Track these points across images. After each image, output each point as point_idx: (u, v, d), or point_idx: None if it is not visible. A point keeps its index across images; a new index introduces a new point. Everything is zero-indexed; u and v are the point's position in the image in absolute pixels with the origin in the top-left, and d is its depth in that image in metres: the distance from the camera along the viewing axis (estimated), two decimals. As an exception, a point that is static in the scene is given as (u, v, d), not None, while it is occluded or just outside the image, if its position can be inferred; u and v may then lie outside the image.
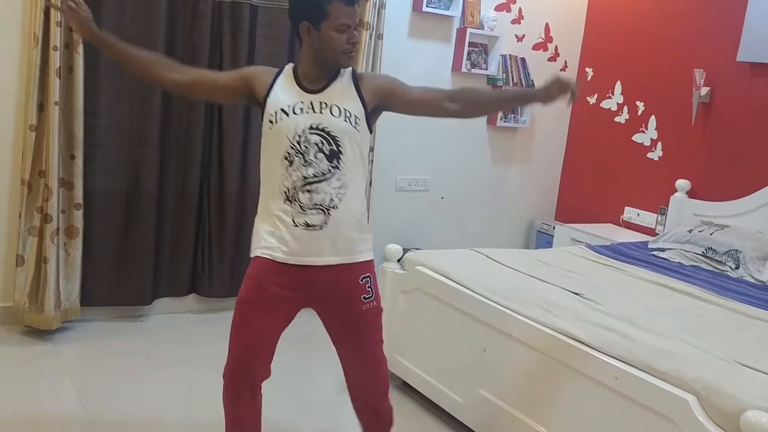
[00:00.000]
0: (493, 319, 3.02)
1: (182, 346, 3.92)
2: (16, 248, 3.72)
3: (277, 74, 2.43)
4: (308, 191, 2.33)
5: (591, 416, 2.61)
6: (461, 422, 3.18)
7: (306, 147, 2.32)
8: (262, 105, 2.39)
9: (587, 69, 5.50)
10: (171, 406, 3.25)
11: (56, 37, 3.57)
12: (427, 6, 4.72)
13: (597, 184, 5.43)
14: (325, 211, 2.35)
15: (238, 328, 2.42)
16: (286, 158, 2.33)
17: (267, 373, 2.49)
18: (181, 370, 3.62)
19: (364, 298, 2.45)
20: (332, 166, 2.34)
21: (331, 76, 2.41)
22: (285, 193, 2.34)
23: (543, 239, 5.46)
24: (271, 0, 4.23)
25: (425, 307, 3.41)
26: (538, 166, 5.63)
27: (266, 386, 2.51)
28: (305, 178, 2.32)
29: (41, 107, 3.65)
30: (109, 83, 3.91)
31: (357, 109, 2.40)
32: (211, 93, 2.58)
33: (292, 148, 2.32)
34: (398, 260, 3.64)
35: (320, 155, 2.33)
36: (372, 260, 2.50)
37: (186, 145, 4.19)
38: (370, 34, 4.41)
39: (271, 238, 2.37)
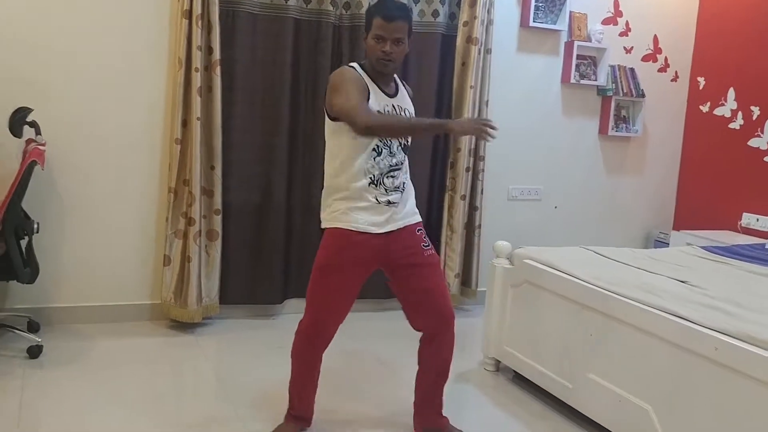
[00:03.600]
0: (598, 304, 3.15)
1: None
2: (164, 249, 4.18)
3: (360, 75, 2.78)
4: (392, 176, 2.80)
5: (693, 389, 2.68)
6: (571, 407, 3.30)
7: (391, 141, 2.78)
8: None
9: (699, 78, 5.52)
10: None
11: (197, 60, 4.03)
12: (534, 21, 4.94)
13: (714, 191, 5.40)
14: (401, 191, 2.85)
15: (325, 290, 2.84)
16: (374, 149, 2.75)
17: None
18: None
19: (423, 245, 2.90)
20: (405, 156, 2.86)
21: (395, 81, 2.88)
22: (371, 178, 2.76)
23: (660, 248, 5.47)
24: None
25: (533, 298, 3.57)
26: (653, 175, 5.65)
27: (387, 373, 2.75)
28: (391, 166, 2.79)
29: (185, 123, 4.11)
30: (243, 103, 4.33)
31: (413, 112, 2.93)
32: None
33: (382, 141, 2.75)
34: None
35: (399, 148, 2.82)
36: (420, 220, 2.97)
37: (310, 161, 4.52)
38: (479, 49, 4.66)
39: (357, 214, 2.76)
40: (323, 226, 2.85)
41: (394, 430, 3.14)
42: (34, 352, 3.64)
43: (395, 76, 2.89)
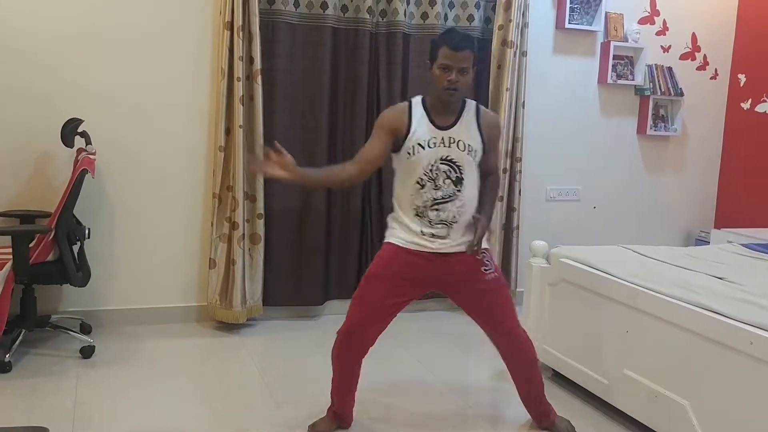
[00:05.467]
0: (633, 300, 3.17)
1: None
2: (209, 253, 4.32)
3: (410, 109, 2.86)
4: (436, 210, 2.82)
5: (728, 384, 2.69)
6: (608, 403, 3.32)
7: (436, 174, 2.81)
8: (402, 140, 2.83)
9: (739, 75, 5.48)
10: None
11: (239, 70, 4.16)
12: (569, 23, 4.97)
13: (756, 189, 5.36)
14: (449, 225, 2.84)
15: (365, 296, 2.93)
16: (418, 182, 2.81)
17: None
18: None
19: (484, 269, 2.93)
20: (457, 190, 2.83)
21: (458, 111, 2.87)
22: (415, 209, 2.84)
23: (701, 247, 5.43)
24: (421, 28, 4.65)
25: (570, 296, 3.60)
26: (693, 174, 5.63)
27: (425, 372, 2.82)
28: (434, 199, 2.82)
29: (228, 131, 4.24)
30: (284, 112, 4.44)
31: (477, 143, 2.88)
32: (379, 162, 2.93)
33: (425, 175, 2.81)
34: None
35: (447, 181, 2.82)
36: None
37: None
38: (514, 52, 4.71)
39: (409, 237, 2.86)
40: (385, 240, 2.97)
41: (432, 428, 3.21)
42: (87, 352, 3.80)
43: (465, 106, 2.90)
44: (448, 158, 2.82)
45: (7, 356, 3.56)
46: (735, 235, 4.89)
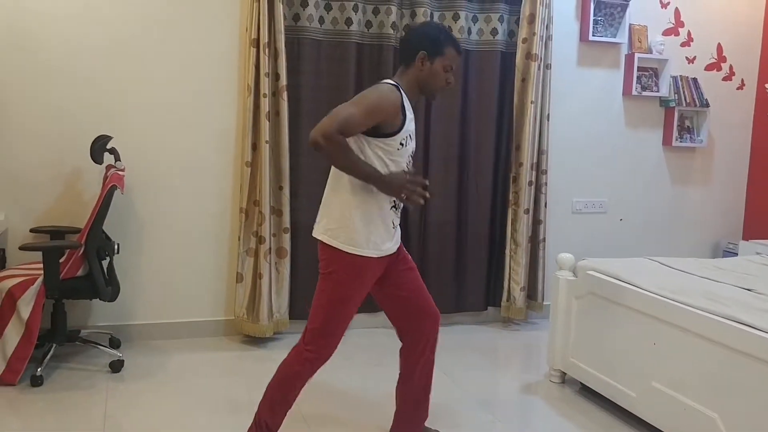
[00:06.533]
0: (661, 312, 3.16)
1: (376, 352, 4.33)
2: (236, 267, 4.36)
3: (402, 100, 2.68)
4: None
5: (758, 396, 2.67)
6: (639, 417, 3.30)
7: (410, 163, 2.79)
8: (397, 129, 2.66)
9: (766, 85, 5.44)
10: (366, 398, 3.67)
11: (265, 86, 4.21)
12: (593, 35, 4.97)
13: (785, 200, 5.30)
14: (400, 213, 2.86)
15: (346, 312, 2.81)
16: (405, 173, 2.71)
17: None
18: (375, 370, 4.03)
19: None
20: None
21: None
22: (393, 201, 2.76)
23: (729, 259, 5.38)
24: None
25: (597, 309, 3.59)
26: (721, 185, 5.58)
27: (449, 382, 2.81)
28: None
29: (254, 146, 4.29)
30: (309, 127, 4.38)
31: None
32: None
33: (407, 165, 2.77)
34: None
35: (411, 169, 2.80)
36: None
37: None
38: (539, 65, 4.71)
39: (380, 240, 2.74)
40: None
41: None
42: (116, 366, 3.85)
43: None
44: (414, 149, 2.83)
45: (38, 370, 3.62)
46: (763, 246, 4.84)
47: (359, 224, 2.69)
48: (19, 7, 3.99)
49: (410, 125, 2.74)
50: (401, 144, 2.70)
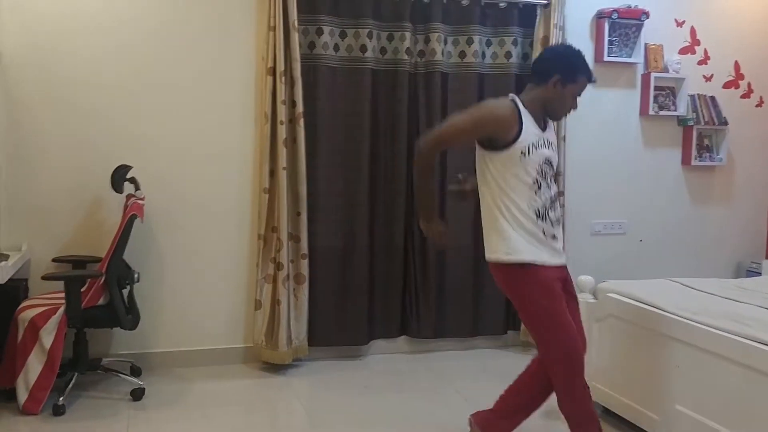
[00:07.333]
0: (683, 334, 3.12)
1: (395, 378, 4.32)
2: (255, 294, 4.37)
3: (518, 111, 2.81)
4: (553, 209, 2.86)
5: (786, 418, 2.63)
6: (660, 440, 3.26)
7: (545, 174, 2.83)
8: (514, 139, 2.77)
9: (785, 102, 5.41)
10: (385, 424, 3.65)
11: (282, 113, 4.25)
12: (608, 55, 4.97)
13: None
14: (561, 224, 2.95)
15: (566, 323, 2.84)
16: (535, 182, 2.80)
17: None
18: (394, 397, 4.01)
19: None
20: (558, 190, 2.87)
21: (545, 119, 2.91)
22: (537, 212, 2.80)
23: (753, 278, 5.31)
24: (459, 66, 4.70)
25: (618, 332, 3.55)
26: (742, 204, 5.52)
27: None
28: (550, 198, 2.85)
29: (272, 173, 4.32)
30: (326, 153, 4.50)
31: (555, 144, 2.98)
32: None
33: (539, 174, 2.80)
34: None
35: (552, 181, 2.88)
36: None
37: (391, 206, 4.67)
38: (554, 87, 4.71)
39: (538, 250, 2.80)
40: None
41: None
42: (138, 394, 3.86)
43: None
44: (550, 159, 2.87)
45: (60, 399, 3.63)
46: (788, 265, 4.78)
47: None
48: (47, 44, 4.07)
49: (531, 136, 2.79)
50: (522, 153, 2.76)
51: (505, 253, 2.81)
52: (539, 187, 2.80)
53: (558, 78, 2.79)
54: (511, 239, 2.80)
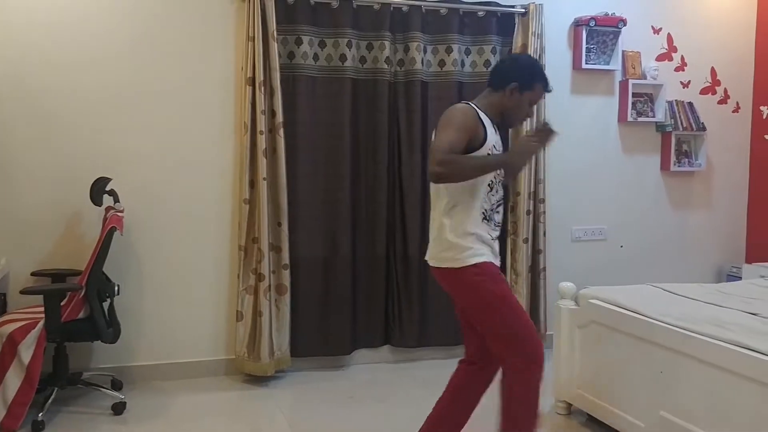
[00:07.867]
0: (666, 340, 3.12)
1: (379, 388, 4.30)
2: (236, 305, 4.34)
3: (477, 113, 2.80)
4: (497, 212, 2.88)
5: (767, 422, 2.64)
6: (645, 446, 3.26)
7: (497, 177, 2.85)
8: (482, 140, 2.75)
9: (762, 107, 5.46)
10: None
11: (262, 123, 4.23)
12: (586, 63, 5.00)
13: (785, 221, 5.29)
14: (500, 228, 2.92)
15: (520, 313, 2.83)
16: (489, 185, 2.81)
17: None
18: (378, 407, 3.99)
19: None
20: (504, 194, 2.94)
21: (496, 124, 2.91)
22: (483, 213, 2.81)
23: (733, 282, 5.35)
24: (438, 75, 4.70)
25: (601, 338, 3.56)
26: (721, 208, 5.57)
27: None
28: (498, 201, 2.87)
29: (252, 183, 4.29)
30: (306, 163, 4.48)
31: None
32: None
33: (495, 177, 2.83)
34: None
35: (500, 185, 2.89)
36: None
37: (373, 215, 4.66)
38: (533, 94, 4.73)
39: (483, 249, 2.80)
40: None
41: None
42: (119, 408, 3.81)
43: None
44: None
45: (39, 415, 3.57)
46: (764, 269, 4.81)
47: None
48: (23, 57, 4.03)
49: (493, 137, 2.81)
50: (488, 154, 2.78)
51: (453, 259, 2.78)
52: (491, 189, 2.82)
53: (516, 85, 2.81)
54: (458, 245, 2.77)
